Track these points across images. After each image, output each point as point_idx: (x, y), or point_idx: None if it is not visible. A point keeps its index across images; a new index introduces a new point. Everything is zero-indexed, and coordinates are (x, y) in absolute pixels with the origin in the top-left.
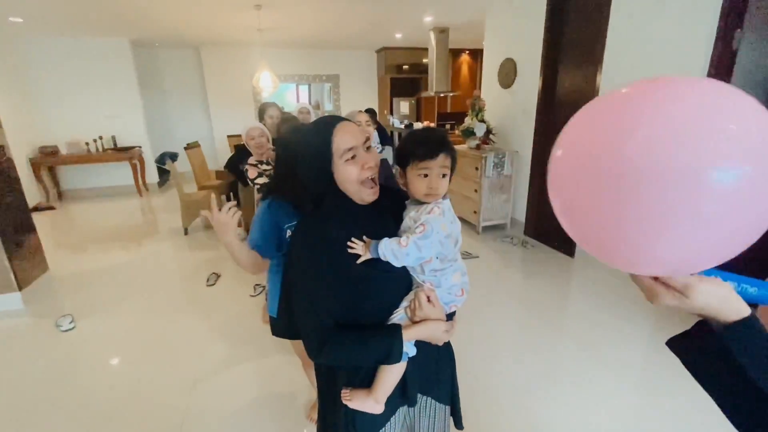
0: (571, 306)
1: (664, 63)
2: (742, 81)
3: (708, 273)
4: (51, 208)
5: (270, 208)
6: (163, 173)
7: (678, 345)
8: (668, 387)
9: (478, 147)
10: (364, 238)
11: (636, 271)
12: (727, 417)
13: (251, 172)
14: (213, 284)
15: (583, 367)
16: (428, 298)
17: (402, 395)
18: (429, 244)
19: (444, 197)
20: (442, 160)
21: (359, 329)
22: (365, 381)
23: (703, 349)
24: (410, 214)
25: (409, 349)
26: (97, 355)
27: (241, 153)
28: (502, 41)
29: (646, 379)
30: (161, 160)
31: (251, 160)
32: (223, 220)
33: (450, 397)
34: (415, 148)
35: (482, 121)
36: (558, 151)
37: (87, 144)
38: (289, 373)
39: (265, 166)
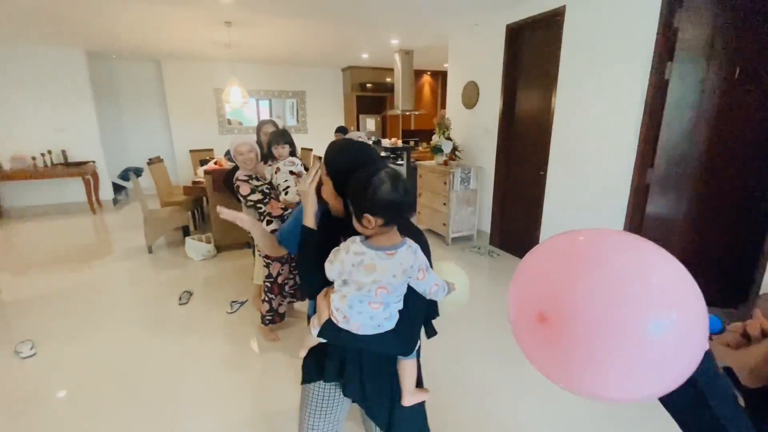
0: None
1: (611, 86)
2: (674, 105)
3: None
4: None
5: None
6: (119, 190)
7: None
8: None
9: (445, 163)
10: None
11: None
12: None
13: (244, 189)
14: (186, 303)
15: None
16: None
17: (321, 368)
18: (332, 268)
19: (369, 244)
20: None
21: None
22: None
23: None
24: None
25: (313, 328)
26: (64, 382)
27: (235, 169)
28: (465, 65)
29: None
30: (125, 175)
31: (241, 175)
32: (241, 215)
33: (387, 425)
34: (388, 210)
35: (449, 138)
36: (519, 277)
37: (34, 158)
38: (281, 390)
39: (255, 182)
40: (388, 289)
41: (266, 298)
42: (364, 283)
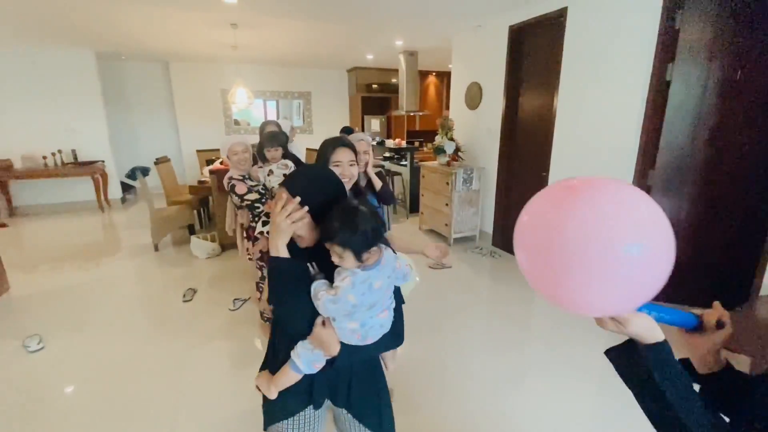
0: (536, 309)
1: (613, 87)
2: (676, 106)
3: (641, 308)
4: (2, 225)
5: None
6: (128, 189)
7: (613, 355)
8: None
9: (448, 164)
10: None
11: (581, 313)
12: (642, 408)
13: (240, 188)
14: (189, 300)
15: (549, 364)
16: (323, 323)
17: (309, 395)
18: (337, 309)
19: (362, 267)
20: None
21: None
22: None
23: (630, 360)
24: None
25: (302, 365)
26: (70, 376)
27: None
28: (468, 66)
29: (610, 375)
30: (132, 174)
31: (235, 174)
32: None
33: (378, 424)
34: (377, 240)
35: (451, 139)
36: (524, 217)
37: (45, 158)
38: None
39: (251, 182)
40: (388, 293)
41: (260, 298)
42: (376, 301)
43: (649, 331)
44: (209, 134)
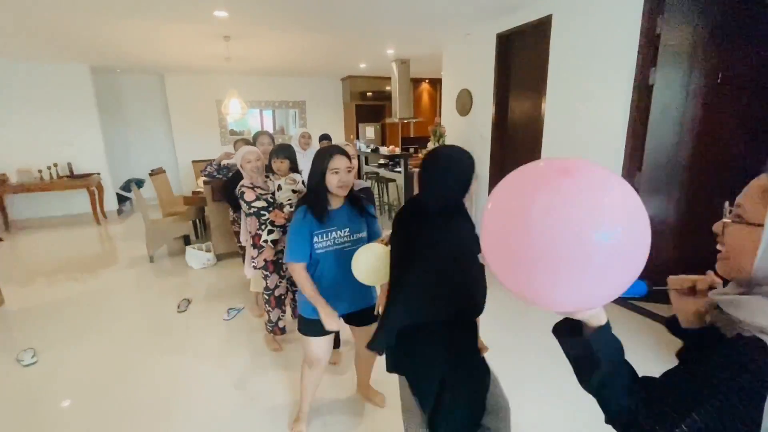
0: (531, 314)
1: (598, 92)
2: (660, 109)
3: None
4: None
5: (305, 218)
6: (123, 201)
7: (562, 338)
8: None
9: None
10: None
11: (546, 308)
12: (578, 379)
13: (249, 195)
14: (184, 310)
15: (545, 367)
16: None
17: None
18: None
19: None
20: None
21: None
22: None
23: (574, 339)
24: None
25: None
26: (63, 390)
27: (237, 175)
28: (459, 73)
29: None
30: (127, 186)
31: (246, 182)
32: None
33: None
34: None
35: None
36: (488, 204)
37: (40, 171)
38: (272, 390)
39: (260, 190)
40: None
41: (265, 309)
42: None
43: (596, 317)
44: (205, 145)
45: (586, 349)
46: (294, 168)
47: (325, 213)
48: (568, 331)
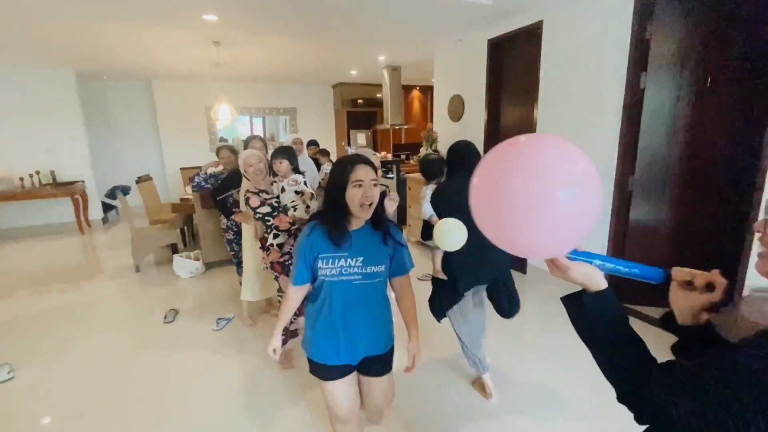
0: (526, 315)
1: (590, 96)
2: (652, 113)
3: (579, 255)
4: None
5: (311, 235)
6: (109, 209)
7: (565, 302)
8: None
9: None
10: None
11: (529, 256)
12: (591, 353)
13: (254, 201)
14: (171, 321)
15: (539, 367)
16: None
17: None
18: None
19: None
20: None
21: None
22: None
23: (578, 307)
24: None
25: None
26: (43, 407)
27: (226, 183)
28: (450, 79)
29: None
30: (112, 194)
31: (250, 187)
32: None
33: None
34: None
35: (436, 151)
36: (474, 179)
37: (21, 179)
38: (266, 403)
39: (265, 195)
40: None
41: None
42: None
43: (590, 278)
44: (194, 152)
45: (581, 309)
46: (295, 169)
47: (343, 236)
48: (574, 295)
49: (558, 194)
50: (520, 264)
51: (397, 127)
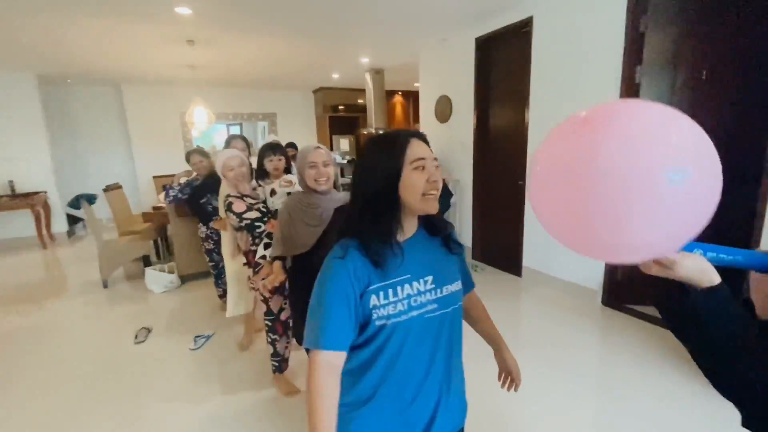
0: (522, 319)
1: (584, 91)
2: None
3: (692, 247)
4: None
5: (350, 257)
6: (75, 222)
7: (665, 306)
8: (619, 382)
9: None
10: None
11: (621, 261)
12: (695, 360)
13: (238, 206)
14: (143, 341)
15: (538, 369)
16: None
17: None
18: None
19: None
20: None
21: None
22: None
23: (679, 306)
24: None
25: None
26: None
27: (202, 187)
28: (436, 80)
29: (600, 378)
30: (75, 203)
31: (231, 191)
32: None
33: None
34: None
35: None
36: (537, 167)
37: None
38: (251, 428)
39: (251, 200)
40: None
41: (269, 340)
42: None
43: (702, 273)
44: (168, 159)
45: (691, 311)
46: (287, 169)
47: (393, 251)
48: (674, 295)
49: (666, 174)
50: (515, 267)
51: (381, 132)
